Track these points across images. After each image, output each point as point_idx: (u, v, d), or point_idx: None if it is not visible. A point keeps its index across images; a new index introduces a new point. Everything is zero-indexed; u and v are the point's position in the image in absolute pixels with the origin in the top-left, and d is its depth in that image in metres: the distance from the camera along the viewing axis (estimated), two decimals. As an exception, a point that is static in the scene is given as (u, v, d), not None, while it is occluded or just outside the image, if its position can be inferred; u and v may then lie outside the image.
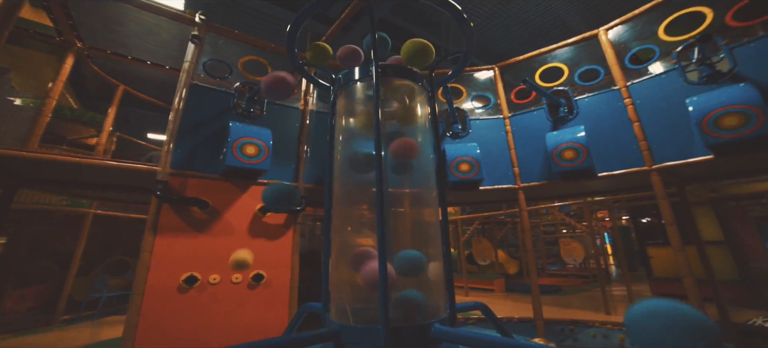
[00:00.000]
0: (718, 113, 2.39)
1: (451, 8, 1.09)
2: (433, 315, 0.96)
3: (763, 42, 2.56)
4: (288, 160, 3.42)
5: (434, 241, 1.08)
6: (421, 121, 1.28)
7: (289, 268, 3.14)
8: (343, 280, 1.19)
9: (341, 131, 1.35)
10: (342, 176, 1.28)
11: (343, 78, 1.30)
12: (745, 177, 3.72)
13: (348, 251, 1.16)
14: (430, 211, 1.12)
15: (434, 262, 1.03)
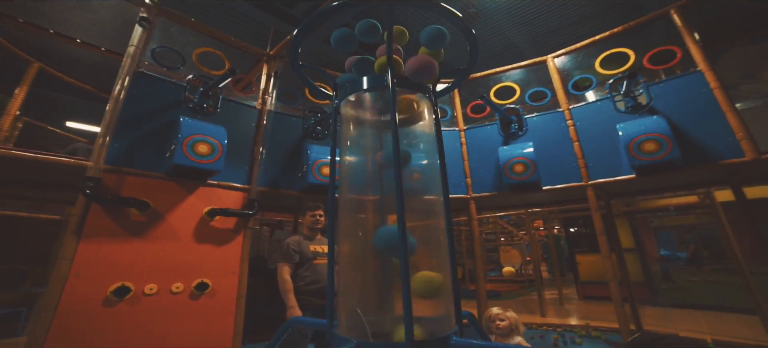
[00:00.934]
0: (641, 139, 2.77)
1: (458, 21, 1.11)
2: (447, 327, 0.97)
3: (668, 83, 3.06)
4: (241, 161, 3.22)
5: (443, 252, 1.09)
6: (427, 129, 1.28)
7: (238, 276, 2.94)
8: (355, 293, 1.14)
9: (348, 138, 1.31)
10: (348, 185, 1.24)
11: (349, 86, 1.26)
12: (653, 193, 4.33)
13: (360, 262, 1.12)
14: (438, 219, 1.13)
15: (445, 274, 1.03)
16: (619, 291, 3.17)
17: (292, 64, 1.33)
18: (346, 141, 1.28)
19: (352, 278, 1.15)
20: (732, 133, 2.63)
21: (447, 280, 1.01)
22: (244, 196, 3.15)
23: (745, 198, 3.35)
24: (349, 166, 1.27)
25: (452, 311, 0.99)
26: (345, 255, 1.14)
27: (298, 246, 2.67)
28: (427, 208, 1.15)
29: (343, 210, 1.17)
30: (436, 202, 1.15)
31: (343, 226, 1.16)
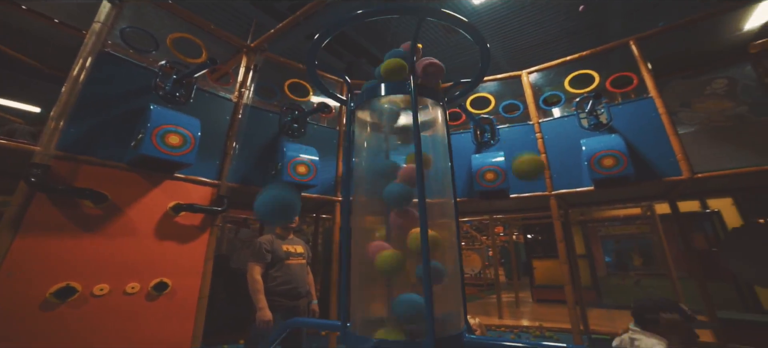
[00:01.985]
0: (601, 154, 3.04)
1: (473, 32, 1.15)
2: (458, 326, 0.99)
3: (625, 106, 3.39)
4: (211, 155, 3.07)
5: (453, 253, 1.11)
6: (439, 132, 1.31)
7: (201, 276, 2.79)
8: (372, 293, 1.12)
9: (364, 143, 1.30)
10: (361, 189, 1.23)
11: (365, 92, 1.25)
12: (606, 205, 4.74)
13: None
14: (449, 222, 1.15)
15: (455, 274, 1.06)
16: (573, 294, 3.41)
17: (309, 69, 1.31)
18: (358, 145, 1.28)
19: (363, 279, 1.15)
20: (674, 154, 2.97)
21: (456, 281, 1.05)
22: (213, 191, 3.00)
23: (678, 211, 3.79)
24: (361, 169, 1.26)
25: (461, 311, 1.03)
26: (357, 255, 1.14)
27: (270, 245, 2.59)
28: (439, 211, 1.18)
29: (355, 212, 1.17)
30: (446, 204, 1.19)
31: (355, 228, 1.16)
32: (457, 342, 0.90)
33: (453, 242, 1.11)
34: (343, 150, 3.98)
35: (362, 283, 1.10)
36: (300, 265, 2.67)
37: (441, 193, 1.16)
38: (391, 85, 1.20)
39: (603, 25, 4.40)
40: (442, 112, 1.27)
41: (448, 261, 1.05)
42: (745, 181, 3.29)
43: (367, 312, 1.12)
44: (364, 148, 1.27)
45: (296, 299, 2.58)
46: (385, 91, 1.19)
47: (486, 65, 1.25)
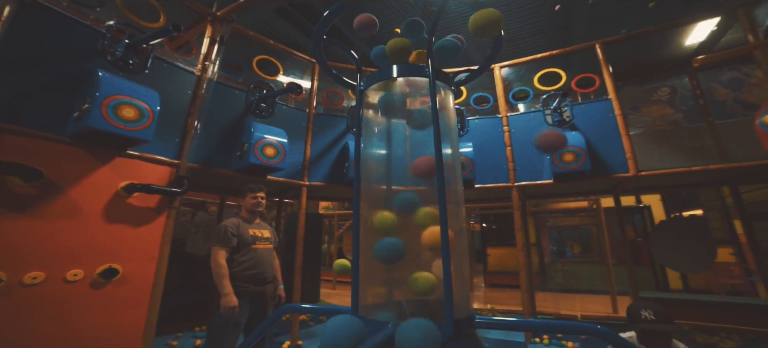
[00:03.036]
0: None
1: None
2: (467, 307, 1.03)
3: (587, 105, 3.64)
4: (170, 132, 2.81)
5: (461, 240, 1.12)
6: (449, 118, 1.29)
7: (156, 262, 2.59)
8: (383, 278, 1.09)
9: (374, 127, 1.24)
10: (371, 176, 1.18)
11: (375, 75, 1.18)
12: (560, 197, 5.10)
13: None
14: (455, 209, 1.14)
15: (463, 260, 1.07)
16: (526, 279, 3.67)
17: (315, 50, 1.22)
18: (367, 129, 1.23)
19: (373, 265, 1.12)
20: (624, 153, 3.26)
21: (464, 268, 1.06)
22: (171, 171, 2.76)
23: (621, 205, 4.21)
24: (371, 155, 1.22)
25: (469, 296, 1.06)
26: (365, 244, 1.10)
27: (236, 229, 2.45)
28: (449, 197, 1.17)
29: (364, 198, 1.13)
30: (455, 191, 1.19)
31: (363, 213, 1.12)
32: (470, 322, 0.94)
33: (461, 229, 1.13)
34: (354, 135, 3.86)
35: (368, 271, 1.09)
36: (267, 250, 2.57)
37: (451, 179, 1.17)
38: (407, 67, 1.17)
39: (571, 27, 4.67)
40: (452, 97, 1.27)
41: (455, 249, 1.07)
42: (673, 180, 3.72)
43: (376, 298, 1.11)
44: (374, 135, 1.23)
45: (263, 284, 2.48)
46: (399, 73, 1.15)
47: (497, 51, 1.26)
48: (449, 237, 0.98)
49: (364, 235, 1.11)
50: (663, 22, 3.48)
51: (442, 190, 0.95)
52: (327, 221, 10.85)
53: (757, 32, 3.17)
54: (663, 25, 3.51)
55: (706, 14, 3.55)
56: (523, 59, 3.97)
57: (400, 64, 1.19)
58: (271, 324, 1.17)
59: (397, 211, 1.06)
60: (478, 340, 0.98)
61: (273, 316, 1.18)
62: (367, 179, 1.21)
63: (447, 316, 0.86)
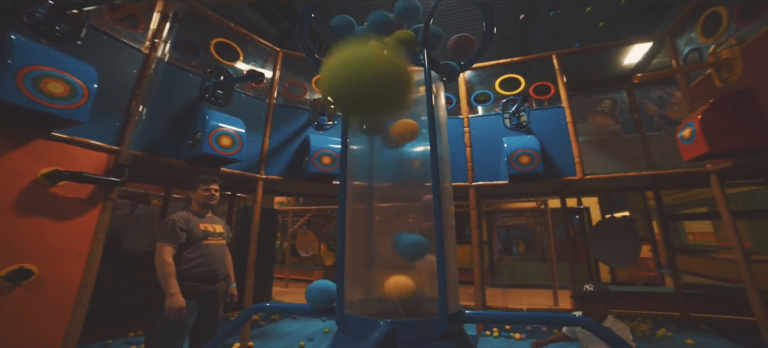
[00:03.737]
0: (519, 152, 3.43)
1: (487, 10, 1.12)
2: (456, 303, 1.02)
3: (543, 111, 3.89)
4: (109, 115, 2.50)
5: (451, 236, 1.09)
6: (441, 111, 1.24)
7: (85, 260, 2.30)
8: (368, 277, 1.02)
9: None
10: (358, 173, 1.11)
11: None
12: (513, 198, 5.40)
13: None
14: (447, 206, 1.11)
15: (453, 262, 1.05)
16: (479, 275, 3.83)
17: (301, 29, 1.12)
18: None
19: (359, 262, 1.07)
20: (573, 158, 3.53)
21: (454, 268, 1.06)
22: (108, 158, 2.46)
23: (567, 206, 4.56)
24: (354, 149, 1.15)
25: (458, 292, 1.07)
26: (352, 240, 1.04)
27: (186, 223, 2.22)
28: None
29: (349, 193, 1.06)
30: (445, 189, 1.17)
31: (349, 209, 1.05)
32: (460, 316, 0.95)
33: (451, 226, 1.12)
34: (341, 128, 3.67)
35: (355, 270, 1.03)
36: (219, 246, 2.37)
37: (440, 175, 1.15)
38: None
39: (530, 37, 4.97)
40: (443, 89, 1.25)
41: (447, 248, 1.06)
42: (612, 184, 4.11)
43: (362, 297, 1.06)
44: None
45: (214, 283, 2.28)
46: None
47: (488, 42, 1.27)
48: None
49: (348, 231, 1.05)
50: (608, 41, 3.85)
51: (438, 187, 0.93)
52: (281, 217, 10.46)
53: (679, 59, 3.61)
54: (608, 44, 3.87)
55: (642, 38, 3.99)
56: (486, 63, 4.12)
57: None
58: (240, 326, 1.07)
59: (402, 255, 1.01)
60: (466, 335, 0.99)
61: (242, 315, 1.08)
62: (350, 175, 1.15)
63: (441, 311, 0.85)
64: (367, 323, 0.88)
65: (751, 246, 5.47)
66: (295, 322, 4.43)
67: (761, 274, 3.16)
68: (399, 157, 1.17)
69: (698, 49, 3.33)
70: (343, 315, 0.94)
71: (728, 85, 2.92)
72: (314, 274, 9.65)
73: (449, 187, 1.19)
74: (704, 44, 3.22)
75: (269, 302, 4.89)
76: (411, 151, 1.20)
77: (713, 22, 3.10)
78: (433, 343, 0.85)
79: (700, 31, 3.25)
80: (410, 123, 1.08)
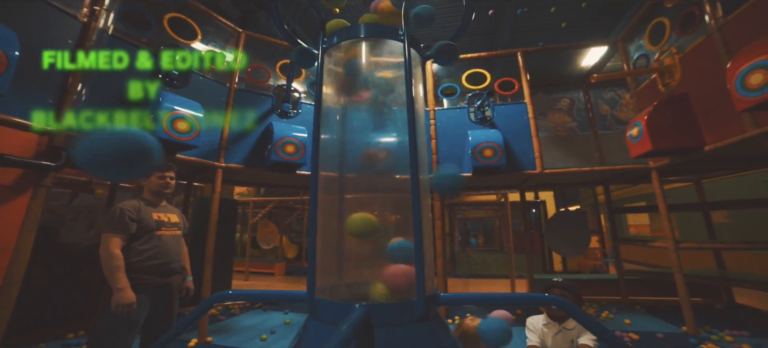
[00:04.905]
0: (483, 146, 3.52)
1: None
2: (431, 286, 1.01)
3: (506, 106, 4.03)
4: (39, 90, 2.21)
5: (427, 224, 1.07)
6: (419, 97, 1.19)
7: (10, 254, 2.06)
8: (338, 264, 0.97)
9: (336, 101, 1.10)
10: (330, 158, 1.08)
11: (343, 32, 1.04)
12: (475, 190, 5.56)
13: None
14: (425, 194, 1.08)
15: (428, 247, 1.03)
16: (442, 266, 3.94)
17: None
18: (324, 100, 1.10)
19: (330, 248, 1.04)
20: (533, 152, 3.70)
21: (429, 252, 1.05)
22: (40, 139, 2.18)
23: (526, 199, 4.80)
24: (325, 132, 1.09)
25: (433, 274, 1.08)
26: (322, 225, 0.99)
27: (136, 213, 2.03)
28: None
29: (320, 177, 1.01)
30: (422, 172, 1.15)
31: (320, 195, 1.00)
32: (436, 299, 0.95)
33: (428, 204, 1.11)
34: (314, 102, 3.47)
35: (325, 258, 0.99)
36: (174, 237, 2.19)
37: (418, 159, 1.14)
38: (377, 27, 1.09)
39: (496, 34, 5.11)
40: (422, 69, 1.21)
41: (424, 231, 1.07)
42: (567, 179, 4.38)
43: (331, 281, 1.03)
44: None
45: (168, 276, 2.12)
46: (367, 33, 1.06)
47: (466, 26, 1.25)
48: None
49: (320, 219, 1.01)
50: (569, 42, 4.06)
51: (416, 169, 0.91)
52: (241, 208, 10.05)
53: (629, 63, 3.90)
54: (569, 44, 4.08)
55: (598, 42, 4.26)
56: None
57: (374, 25, 1.10)
58: (199, 317, 1.00)
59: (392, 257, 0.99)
60: (442, 317, 0.99)
61: (202, 305, 1.00)
62: (322, 160, 1.10)
63: (418, 293, 0.84)
64: (341, 307, 0.85)
65: (678, 236, 6.16)
66: (255, 315, 4.27)
67: (686, 260, 3.55)
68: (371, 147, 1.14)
69: (646, 55, 3.61)
70: (314, 301, 0.90)
71: (669, 89, 3.20)
72: (275, 266, 9.40)
73: (426, 175, 1.18)
74: (651, 51, 3.50)
75: (260, 303, 4.70)
76: (385, 142, 1.17)
77: (658, 31, 3.38)
78: (410, 325, 0.84)
79: (647, 38, 3.52)
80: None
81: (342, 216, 1.07)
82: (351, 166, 1.12)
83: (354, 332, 0.64)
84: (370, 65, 1.17)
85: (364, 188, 1.14)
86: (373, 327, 0.76)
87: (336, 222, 1.07)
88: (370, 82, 1.17)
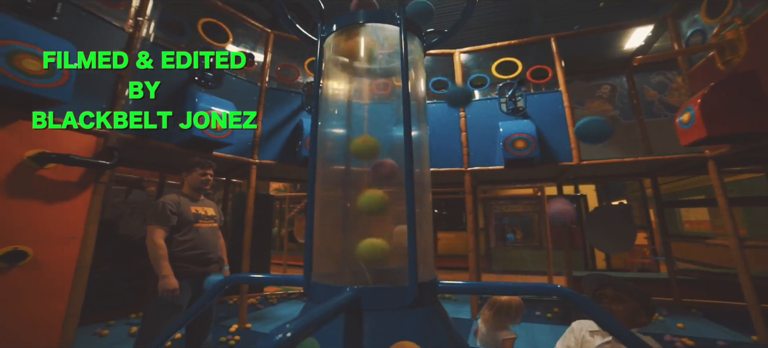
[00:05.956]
0: (515, 137, 3.38)
1: None
2: (431, 274, 1.02)
3: (540, 96, 3.82)
4: (95, 96, 2.45)
5: (426, 212, 1.10)
6: (419, 89, 1.20)
7: (79, 243, 2.30)
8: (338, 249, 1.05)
9: (331, 93, 1.14)
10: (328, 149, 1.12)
11: (343, 18, 1.07)
12: (509, 184, 5.37)
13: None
14: (424, 187, 1.10)
15: (425, 230, 1.07)
16: (475, 260, 3.84)
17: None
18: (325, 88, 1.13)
19: (330, 234, 1.08)
20: (569, 143, 3.48)
21: (428, 240, 1.05)
22: (97, 141, 2.42)
23: (563, 193, 4.54)
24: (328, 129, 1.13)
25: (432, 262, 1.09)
26: (321, 211, 1.04)
27: (176, 206, 2.20)
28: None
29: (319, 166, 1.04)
30: (420, 174, 1.16)
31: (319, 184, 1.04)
32: (433, 286, 0.95)
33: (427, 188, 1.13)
34: (313, 87, 3.62)
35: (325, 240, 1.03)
36: (211, 229, 2.36)
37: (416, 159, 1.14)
38: (374, 13, 1.09)
39: (528, 21, 4.86)
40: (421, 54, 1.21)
41: (423, 226, 1.07)
42: (608, 170, 4.08)
43: (330, 267, 1.07)
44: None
45: (206, 265, 2.29)
46: (365, 19, 1.08)
47: (470, 12, 1.22)
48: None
49: (320, 206, 1.04)
50: (609, 24, 3.75)
51: (410, 151, 0.91)
52: (278, 204, 10.46)
53: (681, 41, 3.52)
54: (608, 26, 3.77)
55: (643, 21, 3.89)
56: (483, 46, 4.04)
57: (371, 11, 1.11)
58: (213, 297, 1.09)
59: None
60: (440, 304, 0.99)
61: (214, 288, 1.08)
62: (323, 149, 1.13)
63: (410, 279, 0.84)
64: (334, 290, 0.88)
65: (746, 233, 5.51)
66: (292, 304, 4.48)
67: (753, 259, 3.17)
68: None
69: (701, 30, 3.25)
70: (310, 283, 0.93)
71: (731, 67, 2.85)
72: (312, 259, 9.71)
73: (426, 155, 1.18)
74: (708, 25, 3.14)
75: (264, 287, 4.94)
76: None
77: (718, 2, 3.01)
78: (402, 310, 0.84)
79: (703, 11, 3.16)
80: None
81: (347, 206, 1.09)
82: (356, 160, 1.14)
83: (337, 311, 0.66)
84: (368, 51, 1.18)
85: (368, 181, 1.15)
86: (362, 310, 0.77)
87: (339, 211, 1.09)
88: (368, 67, 1.19)
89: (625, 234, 4.27)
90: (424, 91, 1.22)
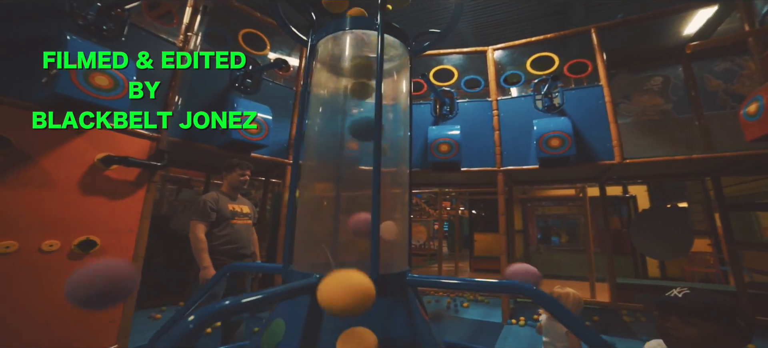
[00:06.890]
0: (549, 135, 3.23)
1: None
2: (402, 267, 1.08)
3: (578, 91, 3.60)
4: (151, 105, 2.73)
5: (402, 208, 1.18)
6: (402, 91, 1.25)
7: (136, 234, 2.57)
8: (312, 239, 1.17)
9: (321, 93, 1.25)
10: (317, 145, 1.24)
11: (328, 27, 1.16)
12: (546, 184, 5.12)
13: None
14: (401, 186, 1.17)
15: (400, 225, 1.13)
16: (506, 263, 3.70)
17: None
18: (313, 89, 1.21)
19: (311, 227, 1.18)
20: (610, 140, 3.25)
21: (404, 231, 1.14)
22: (151, 145, 2.70)
23: (606, 194, 4.24)
24: (313, 122, 1.21)
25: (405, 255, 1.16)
26: (304, 205, 1.17)
27: (216, 204, 2.42)
28: (391, 180, 1.20)
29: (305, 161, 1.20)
30: (398, 173, 1.21)
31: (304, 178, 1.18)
32: (401, 277, 1.00)
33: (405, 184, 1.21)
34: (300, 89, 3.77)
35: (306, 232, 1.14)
36: (246, 226, 2.56)
37: (395, 161, 1.20)
38: (356, 19, 1.16)
39: (568, 13, 4.58)
40: (408, 65, 1.25)
41: (398, 220, 1.14)
42: (657, 169, 3.73)
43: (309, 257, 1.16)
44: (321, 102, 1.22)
45: (241, 259, 2.48)
46: (349, 26, 1.15)
47: (458, 16, 1.24)
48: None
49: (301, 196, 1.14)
50: (660, 9, 3.40)
51: (379, 142, 0.96)
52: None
53: (755, 21, 3.09)
54: (660, 11, 3.42)
55: (702, 3, 3.49)
56: (517, 42, 3.89)
57: (353, 18, 1.17)
58: (215, 284, 1.32)
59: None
60: (411, 296, 1.02)
61: (217, 274, 1.20)
62: (310, 145, 1.26)
63: (372, 267, 0.87)
64: (303, 276, 0.93)
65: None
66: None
67: None
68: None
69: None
70: (287, 271, 1.03)
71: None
72: (347, 257, 9.93)
73: (405, 156, 1.26)
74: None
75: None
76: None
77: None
78: None
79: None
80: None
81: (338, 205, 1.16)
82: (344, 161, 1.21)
83: (294, 292, 0.75)
84: (352, 55, 1.24)
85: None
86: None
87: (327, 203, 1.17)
88: (353, 69, 1.25)
89: (678, 239, 3.89)
90: (407, 93, 1.28)
